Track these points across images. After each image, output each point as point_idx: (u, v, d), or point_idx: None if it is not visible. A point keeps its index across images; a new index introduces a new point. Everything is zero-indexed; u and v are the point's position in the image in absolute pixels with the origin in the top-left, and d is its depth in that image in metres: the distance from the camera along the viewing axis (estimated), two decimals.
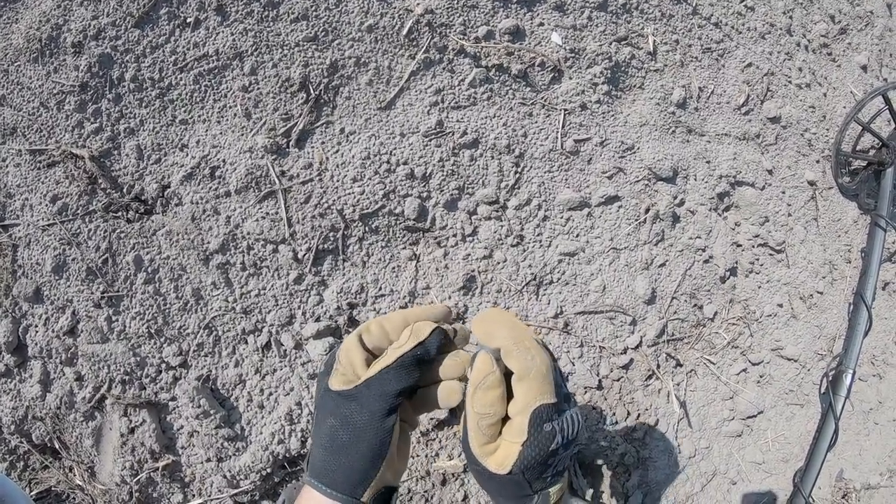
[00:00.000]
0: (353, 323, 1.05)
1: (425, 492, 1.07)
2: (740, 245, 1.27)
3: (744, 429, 1.29)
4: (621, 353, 1.15)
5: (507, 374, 0.50)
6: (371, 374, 0.52)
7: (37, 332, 0.96)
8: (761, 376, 1.30)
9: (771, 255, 1.30)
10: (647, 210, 1.16)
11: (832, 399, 1.28)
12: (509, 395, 0.50)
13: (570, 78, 1.11)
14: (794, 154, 1.33)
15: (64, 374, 0.97)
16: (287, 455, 1.01)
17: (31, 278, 0.95)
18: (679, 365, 1.22)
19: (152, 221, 0.98)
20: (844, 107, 1.40)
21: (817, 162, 1.37)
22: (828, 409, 1.29)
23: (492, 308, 0.56)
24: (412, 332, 0.53)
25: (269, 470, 1.01)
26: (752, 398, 1.29)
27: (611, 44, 1.12)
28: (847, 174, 1.41)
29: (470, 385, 0.50)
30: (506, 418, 0.50)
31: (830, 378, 1.31)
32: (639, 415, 1.19)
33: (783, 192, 1.31)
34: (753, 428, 1.30)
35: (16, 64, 0.93)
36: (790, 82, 1.32)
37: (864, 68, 1.44)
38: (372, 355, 0.56)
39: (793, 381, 1.33)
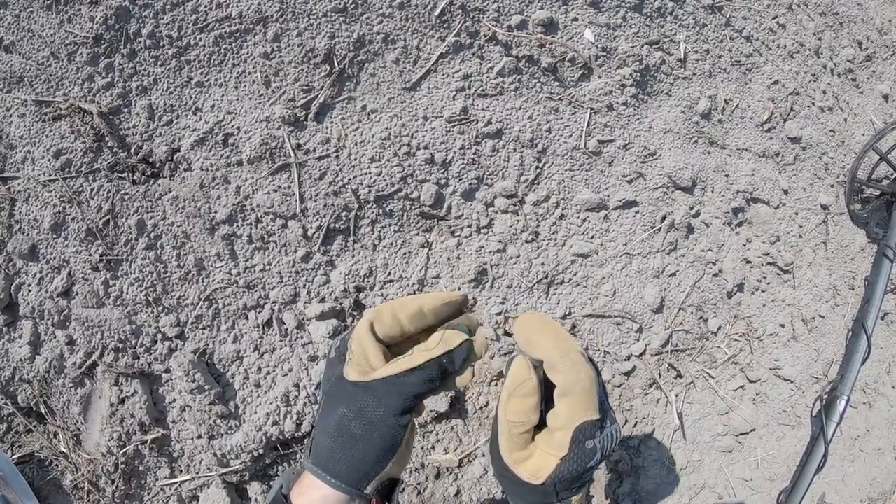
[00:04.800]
0: (358, 307, 1.03)
1: (418, 484, 1.06)
2: (750, 262, 1.26)
3: (735, 445, 1.29)
4: (625, 360, 1.14)
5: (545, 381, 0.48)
6: (394, 371, 0.50)
7: (30, 291, 0.92)
8: (757, 394, 1.30)
9: (778, 274, 1.30)
10: (664, 218, 1.14)
11: (824, 423, 1.28)
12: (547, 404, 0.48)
13: (599, 77, 1.08)
14: (810, 176, 1.33)
15: (55, 337, 0.93)
16: (281, 437, 0.99)
17: (28, 235, 0.91)
18: (679, 376, 1.22)
19: (159, 185, 0.95)
20: (864, 134, 1.40)
21: (832, 186, 1.37)
22: (819, 432, 1.29)
23: (533, 313, 0.54)
24: (442, 339, 0.51)
25: (260, 451, 0.98)
26: (746, 415, 1.29)
27: (642, 46, 1.10)
28: (859, 201, 1.41)
29: (504, 391, 0.48)
30: (540, 425, 0.48)
31: (824, 402, 1.32)
32: (636, 423, 1.18)
33: (796, 213, 1.31)
34: (745, 445, 1.31)
35: (28, 10, 0.89)
36: (813, 104, 1.32)
37: (886, 98, 1.44)
38: (385, 345, 0.54)
39: (787, 402, 1.33)
